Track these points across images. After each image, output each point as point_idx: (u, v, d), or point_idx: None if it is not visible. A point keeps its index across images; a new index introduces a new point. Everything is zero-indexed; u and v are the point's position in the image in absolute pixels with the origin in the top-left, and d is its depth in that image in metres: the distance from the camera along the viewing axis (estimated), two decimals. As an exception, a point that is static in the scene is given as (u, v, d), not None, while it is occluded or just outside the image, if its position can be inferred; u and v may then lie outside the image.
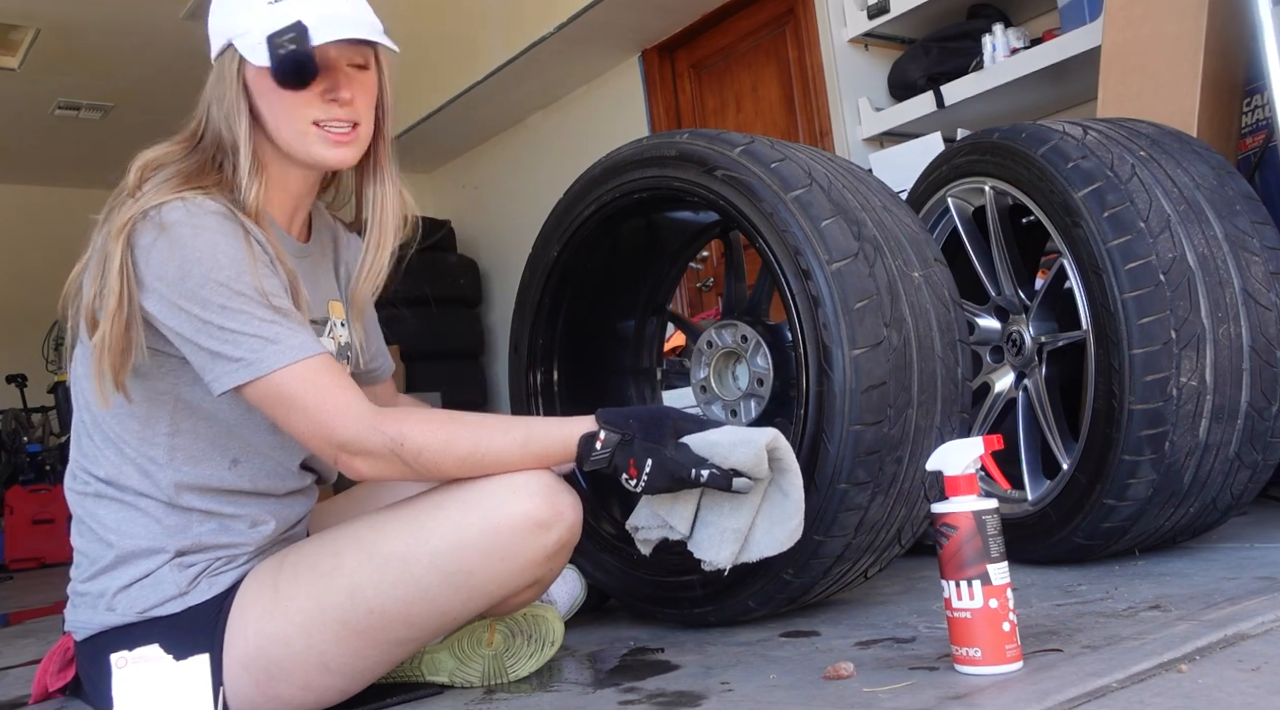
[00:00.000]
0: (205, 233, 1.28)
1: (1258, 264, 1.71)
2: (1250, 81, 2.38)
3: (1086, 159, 1.72)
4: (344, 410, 1.29)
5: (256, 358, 1.27)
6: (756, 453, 1.28)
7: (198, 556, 1.36)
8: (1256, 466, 1.74)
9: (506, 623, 1.49)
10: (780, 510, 1.33)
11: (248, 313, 1.27)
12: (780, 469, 1.33)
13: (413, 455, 1.29)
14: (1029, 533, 1.81)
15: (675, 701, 1.25)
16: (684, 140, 1.68)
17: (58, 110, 5.92)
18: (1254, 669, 1.07)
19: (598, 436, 1.32)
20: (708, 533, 1.35)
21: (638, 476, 1.30)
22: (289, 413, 1.29)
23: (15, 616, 3.40)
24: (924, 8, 3.32)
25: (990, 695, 1.10)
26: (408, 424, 1.30)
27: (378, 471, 1.32)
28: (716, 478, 1.29)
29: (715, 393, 1.89)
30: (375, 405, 1.32)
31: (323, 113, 1.37)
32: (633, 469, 1.30)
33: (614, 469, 1.32)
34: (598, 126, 4.74)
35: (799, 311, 1.51)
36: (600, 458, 1.31)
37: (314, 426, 1.29)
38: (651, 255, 2.12)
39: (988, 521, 1.18)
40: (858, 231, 1.52)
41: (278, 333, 1.28)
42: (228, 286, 1.27)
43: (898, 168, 2.92)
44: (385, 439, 1.28)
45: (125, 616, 1.34)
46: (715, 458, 1.29)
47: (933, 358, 1.54)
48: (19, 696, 1.79)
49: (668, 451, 1.30)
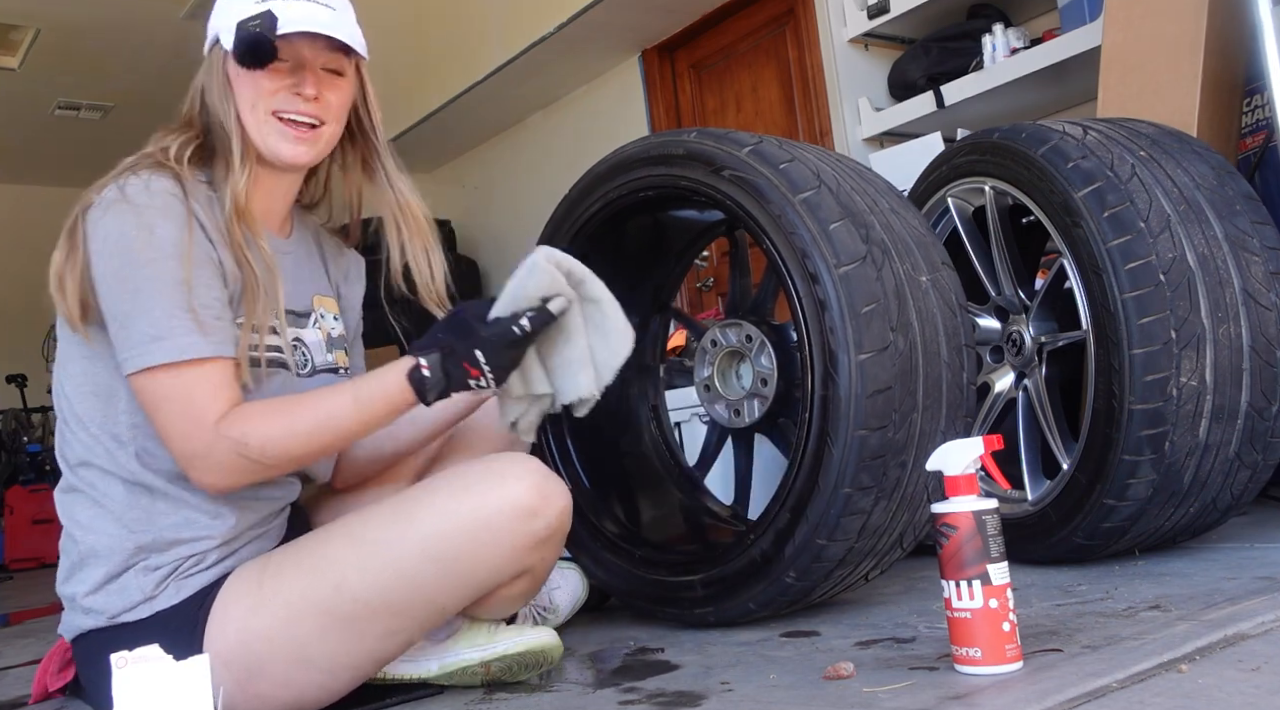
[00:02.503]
0: (146, 212, 1.30)
1: (1258, 264, 1.71)
2: (1250, 81, 2.38)
3: (1086, 159, 1.72)
4: (196, 421, 1.28)
5: (140, 351, 1.27)
6: (545, 272, 1.31)
7: (162, 557, 1.34)
8: (1256, 466, 1.74)
9: (504, 659, 1.43)
10: (602, 318, 1.35)
11: (154, 301, 1.28)
12: (576, 281, 1.34)
13: (258, 452, 1.28)
14: (1029, 533, 1.81)
15: (675, 701, 1.25)
16: (692, 139, 1.67)
17: (58, 110, 5.93)
18: (1254, 669, 1.07)
19: (421, 365, 1.30)
20: (561, 377, 1.36)
21: (480, 373, 1.29)
22: (153, 414, 1.30)
23: (15, 616, 3.40)
24: (924, 8, 3.32)
25: (990, 695, 1.10)
26: (249, 423, 1.29)
27: (229, 481, 1.31)
28: (536, 317, 1.30)
29: (719, 392, 1.89)
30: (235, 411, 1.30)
31: (285, 104, 1.39)
32: (472, 370, 1.29)
33: (455, 382, 1.30)
34: (598, 126, 4.73)
35: (805, 314, 1.50)
36: (435, 379, 1.30)
37: (168, 435, 1.30)
38: (657, 253, 2.11)
39: (988, 521, 1.18)
40: (866, 235, 1.52)
41: (171, 328, 1.27)
42: (146, 270, 1.28)
43: (898, 168, 2.91)
44: (229, 445, 1.27)
45: (98, 621, 1.35)
46: (521, 305, 1.31)
47: (938, 362, 1.54)
48: (19, 696, 1.79)
49: (484, 334, 1.30)
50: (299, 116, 1.39)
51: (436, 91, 4.89)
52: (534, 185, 5.01)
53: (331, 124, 1.43)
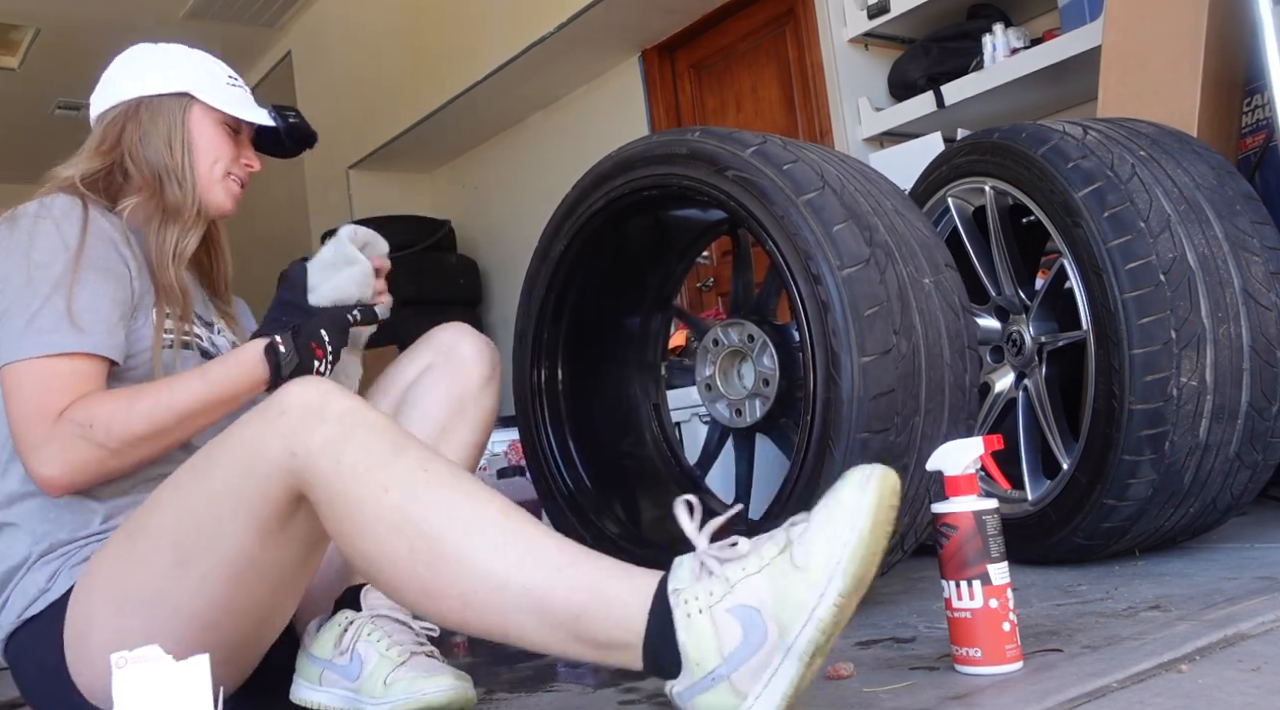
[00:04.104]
0: (43, 222, 1.35)
1: (1258, 264, 1.71)
2: (1250, 81, 2.38)
3: (1086, 159, 1.72)
4: (40, 410, 1.26)
5: (9, 347, 1.29)
6: (363, 270, 1.43)
7: (52, 554, 1.34)
8: (1256, 466, 1.74)
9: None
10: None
11: (30, 299, 1.29)
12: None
13: (103, 432, 1.26)
14: (1029, 533, 1.81)
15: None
16: (695, 138, 1.67)
17: (58, 110, 5.92)
18: (1254, 669, 1.07)
19: (278, 341, 1.32)
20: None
21: (324, 354, 1.33)
22: (7, 407, 1.29)
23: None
24: (924, 8, 3.32)
25: (990, 695, 1.10)
26: (92, 404, 1.27)
27: (71, 472, 1.27)
28: (366, 312, 1.40)
29: (720, 391, 1.89)
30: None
31: (236, 168, 1.55)
32: (318, 350, 1.33)
33: (305, 361, 1.32)
34: (598, 126, 4.73)
35: (808, 316, 1.50)
36: (290, 357, 1.31)
37: (13, 425, 1.28)
38: (659, 251, 2.11)
39: (988, 521, 1.18)
40: (869, 237, 1.51)
41: (40, 326, 1.28)
42: (28, 272, 1.31)
43: (898, 168, 2.91)
44: (71, 429, 1.26)
45: (8, 627, 1.35)
46: (341, 292, 1.40)
47: (941, 365, 1.53)
48: (19, 697, 1.79)
49: (324, 316, 1.36)
50: (236, 183, 1.56)
51: (436, 91, 4.89)
52: (534, 185, 5.00)
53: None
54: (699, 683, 1.00)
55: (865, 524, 0.97)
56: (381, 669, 1.30)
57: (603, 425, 2.08)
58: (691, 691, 1.01)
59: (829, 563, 0.97)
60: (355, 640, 1.33)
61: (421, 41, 4.97)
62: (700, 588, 1.02)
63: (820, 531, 0.99)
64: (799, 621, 0.97)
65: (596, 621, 1.04)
